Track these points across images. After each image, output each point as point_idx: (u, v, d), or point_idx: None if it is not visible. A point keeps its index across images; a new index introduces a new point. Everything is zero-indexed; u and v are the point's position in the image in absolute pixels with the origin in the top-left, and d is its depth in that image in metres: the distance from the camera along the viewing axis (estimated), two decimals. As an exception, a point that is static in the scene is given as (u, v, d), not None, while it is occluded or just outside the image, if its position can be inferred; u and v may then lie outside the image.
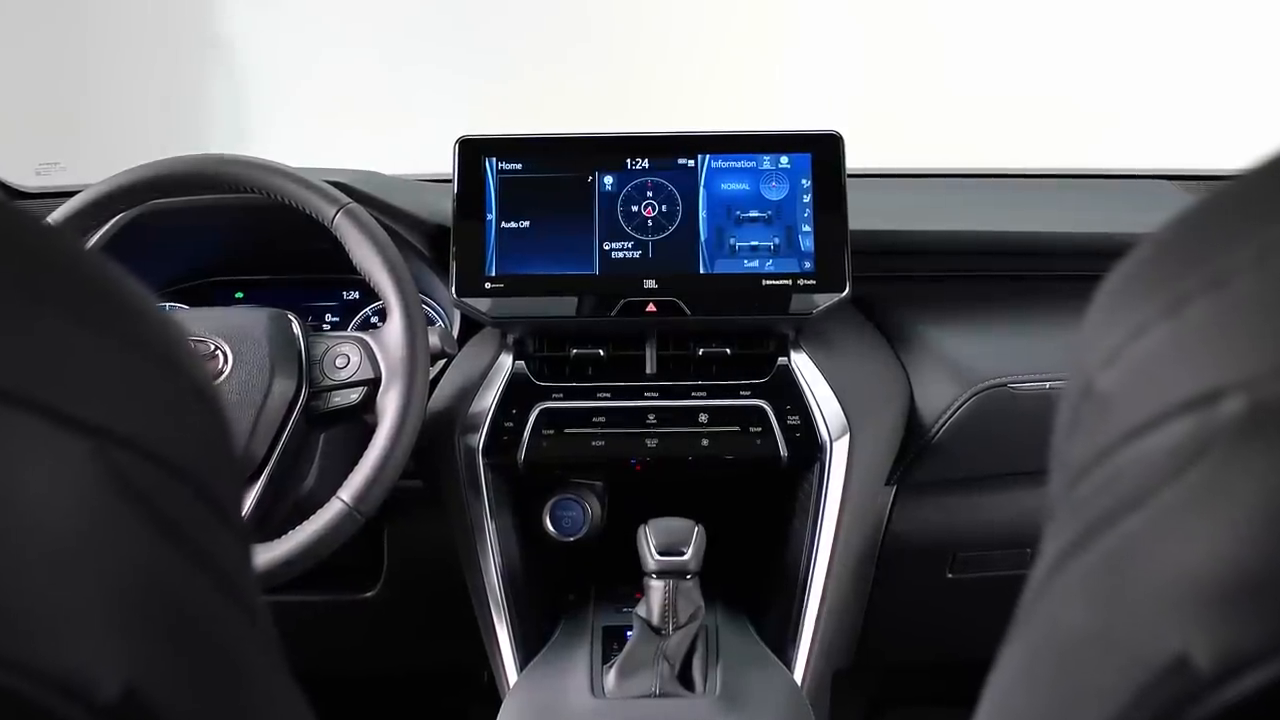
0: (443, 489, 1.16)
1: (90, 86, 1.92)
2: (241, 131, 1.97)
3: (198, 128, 2.01)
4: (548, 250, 1.13)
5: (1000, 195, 1.48)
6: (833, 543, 1.11)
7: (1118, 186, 1.47)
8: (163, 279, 1.34)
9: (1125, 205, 1.38)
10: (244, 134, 1.97)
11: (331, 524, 1.03)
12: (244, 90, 1.96)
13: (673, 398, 1.13)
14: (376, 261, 1.08)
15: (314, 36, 1.96)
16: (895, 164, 1.58)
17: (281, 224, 1.13)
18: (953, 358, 1.20)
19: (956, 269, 1.28)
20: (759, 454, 1.12)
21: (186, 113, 1.95)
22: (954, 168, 1.54)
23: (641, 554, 1.05)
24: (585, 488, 1.18)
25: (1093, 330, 0.31)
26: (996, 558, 1.25)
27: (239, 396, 1.05)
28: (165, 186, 1.13)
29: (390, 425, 1.04)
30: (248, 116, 1.96)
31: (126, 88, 1.93)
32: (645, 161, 1.15)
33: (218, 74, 1.95)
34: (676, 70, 1.85)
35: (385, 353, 1.08)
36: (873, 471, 1.16)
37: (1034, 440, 1.15)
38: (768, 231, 1.13)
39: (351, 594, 1.28)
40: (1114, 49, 1.74)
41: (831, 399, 1.13)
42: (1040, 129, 1.71)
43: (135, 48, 1.94)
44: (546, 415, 1.13)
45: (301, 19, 1.97)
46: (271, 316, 1.10)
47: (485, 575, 1.13)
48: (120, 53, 1.95)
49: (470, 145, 1.15)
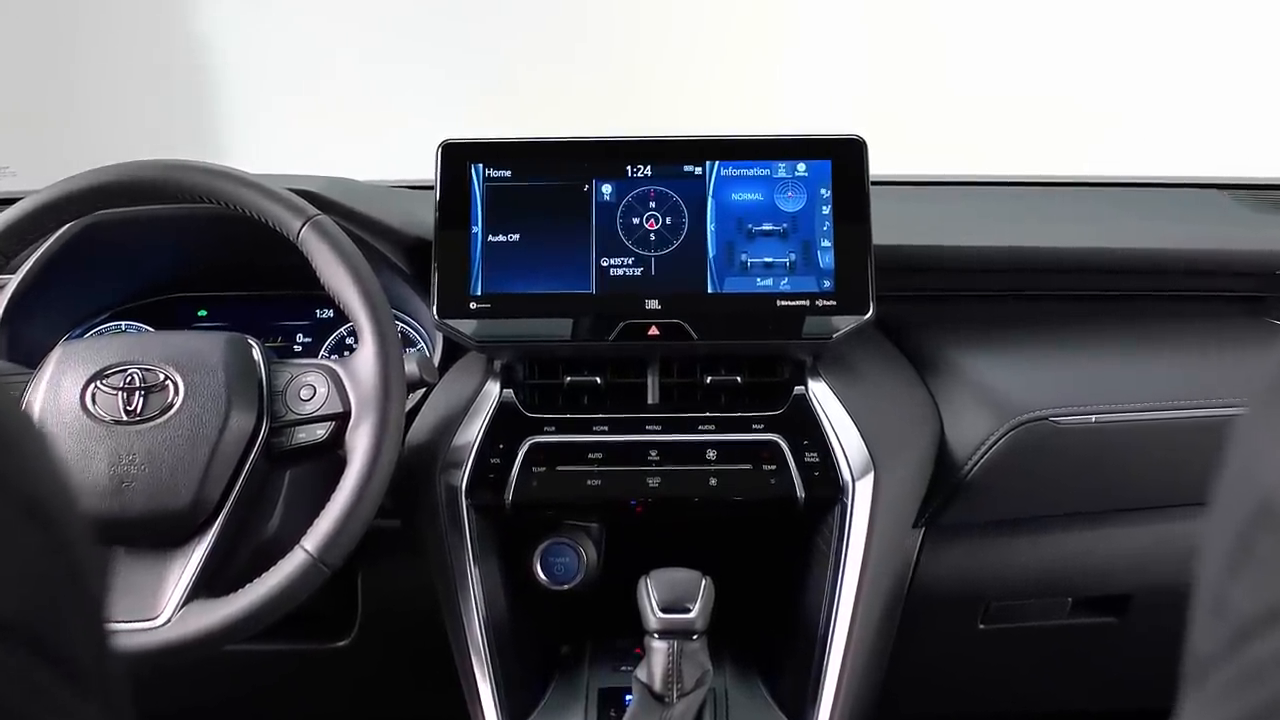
0: (422, 531, 1.09)
1: (51, 85, 1.84)
2: (217, 135, 1.89)
3: (168, 129, 1.92)
4: (539, 266, 1.07)
5: (1031, 205, 1.41)
6: (856, 593, 1.04)
7: (1165, 196, 1.40)
8: (118, 296, 1.25)
9: (1174, 216, 1.31)
10: (219, 137, 1.89)
11: (293, 577, 0.94)
12: (220, 91, 1.89)
13: (677, 431, 1.07)
14: (346, 280, 1.00)
15: (296, 31, 1.89)
16: (908, 170, 1.50)
17: (249, 235, 1.05)
18: (988, 387, 1.14)
19: (992, 288, 1.22)
20: (773, 494, 1.05)
21: (156, 113, 1.86)
22: (980, 175, 1.47)
23: (642, 610, 0.97)
24: (580, 531, 1.11)
25: (1264, 433, 0.25)
26: (1032, 608, 1.20)
27: (191, 432, 0.97)
28: (112, 195, 1.04)
29: (359, 467, 0.95)
30: (223, 119, 1.89)
31: (95, 87, 1.85)
32: (647, 168, 1.09)
33: (191, 71, 1.87)
34: (680, 69, 1.80)
35: (355, 383, 0.99)
36: (899, 513, 1.09)
37: (1078, 479, 1.05)
38: (783, 246, 1.07)
39: (323, 644, 1.21)
40: (1154, 44, 1.66)
41: (853, 433, 1.07)
42: (1069, 133, 1.64)
43: (103, 45, 1.86)
44: (537, 450, 1.06)
45: (284, 13, 1.90)
46: (229, 342, 1.01)
47: (467, 627, 1.06)
48: (87, 50, 1.88)
49: (455, 150, 1.09)
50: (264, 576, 0.94)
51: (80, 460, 0.95)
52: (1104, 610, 1.21)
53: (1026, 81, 1.73)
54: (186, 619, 0.93)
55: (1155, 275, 1.19)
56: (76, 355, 0.99)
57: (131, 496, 0.94)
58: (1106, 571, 1.16)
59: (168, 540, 0.96)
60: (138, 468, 0.95)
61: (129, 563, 0.96)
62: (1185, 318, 1.21)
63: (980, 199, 1.43)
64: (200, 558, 0.95)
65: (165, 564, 0.96)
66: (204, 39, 1.88)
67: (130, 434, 0.96)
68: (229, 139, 1.88)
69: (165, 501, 0.94)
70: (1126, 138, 1.65)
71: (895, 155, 1.50)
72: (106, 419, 0.96)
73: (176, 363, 0.99)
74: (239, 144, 1.91)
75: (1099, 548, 1.16)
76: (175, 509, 0.94)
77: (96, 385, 0.97)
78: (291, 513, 1.04)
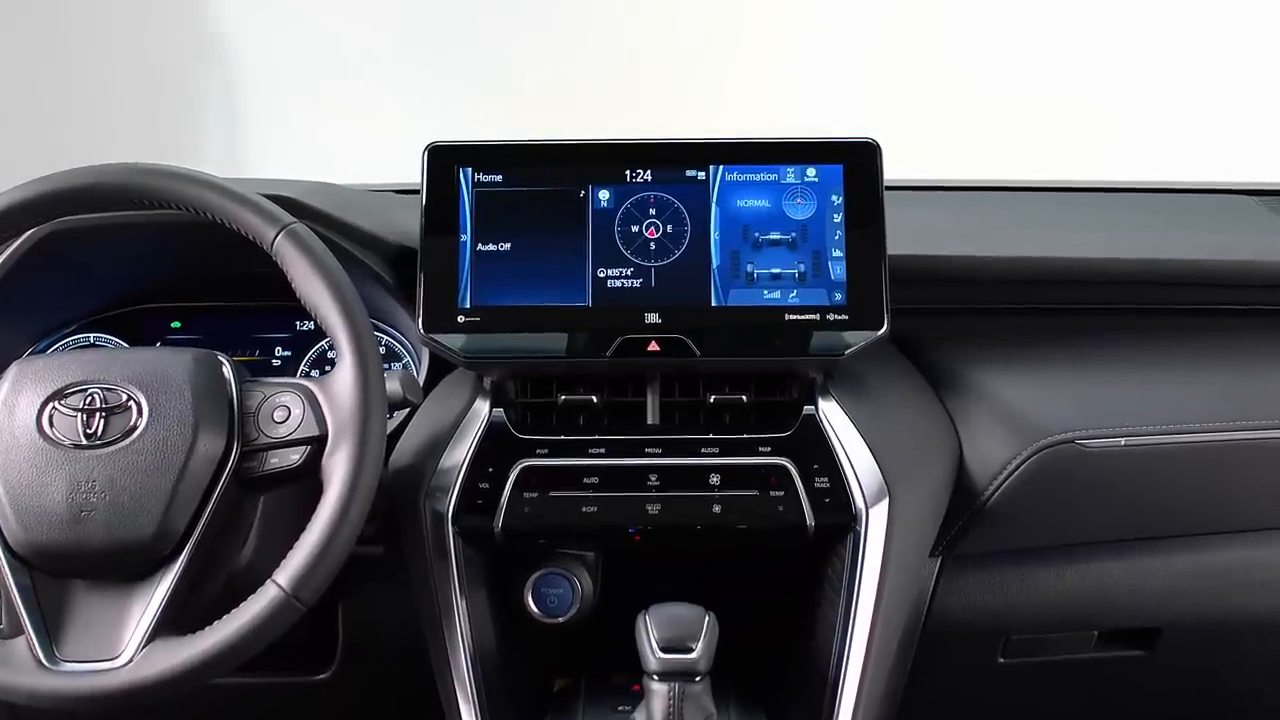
0: (405, 559, 1.06)
1: (24, 85, 1.81)
2: (196, 137, 1.88)
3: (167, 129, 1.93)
4: (532, 277, 1.05)
5: (1052, 211, 1.39)
6: (870, 628, 1.02)
7: (1193, 202, 1.38)
8: (86, 307, 1.22)
9: (1207, 224, 1.29)
10: (198, 140, 1.88)
11: (264, 615, 0.89)
12: (203, 91, 1.86)
13: (679, 454, 1.04)
14: (323, 293, 0.95)
15: (294, 30, 1.93)
16: (920, 175, 1.48)
17: (225, 242, 1.01)
18: (1010, 406, 1.10)
19: (1014, 301, 1.19)
20: (781, 522, 1.02)
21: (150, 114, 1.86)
22: (998, 180, 1.44)
23: (641, 649, 0.95)
24: (575, 560, 1.08)
25: None
26: (1056, 641, 1.18)
27: (155, 457, 0.92)
28: (73, 202, 0.99)
29: (336, 496, 0.91)
30: (204, 120, 1.87)
31: (72, 86, 1.85)
32: (647, 173, 1.06)
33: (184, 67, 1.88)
34: (684, 67, 1.81)
35: (333, 405, 0.94)
36: (915, 542, 1.06)
37: (1106, 506, 1.00)
38: (791, 257, 1.05)
39: (301, 677, 1.18)
40: (1183, 45, 1.65)
41: (867, 456, 1.04)
42: (1089, 135, 1.63)
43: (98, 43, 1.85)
44: (529, 474, 1.03)
45: (282, 12, 1.94)
46: (196, 359, 0.97)
47: (453, 662, 1.03)
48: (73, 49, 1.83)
49: (442, 152, 1.06)
50: (234, 613, 0.90)
51: (36, 488, 0.90)
52: (1132, 644, 1.18)
53: (1044, 83, 1.74)
54: (149, 659, 0.89)
55: (1189, 288, 1.17)
56: (33, 373, 0.95)
57: (91, 527, 0.90)
58: (1135, 603, 1.14)
59: (130, 574, 0.92)
60: (98, 495, 0.90)
61: (88, 598, 0.92)
62: (1220, 332, 1.17)
63: (999, 204, 1.40)
64: (165, 592, 0.91)
65: (127, 599, 0.91)
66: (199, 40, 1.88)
67: (90, 459, 0.91)
68: (205, 143, 1.88)
69: (127, 532, 0.90)
70: (1151, 140, 1.64)
71: (908, 158, 1.48)
72: (65, 443, 0.92)
73: (140, 382, 0.94)
74: (237, 145, 1.94)
75: (1127, 578, 1.13)
76: (138, 540, 0.90)
77: (54, 406, 0.93)
78: (267, 540, 1.01)
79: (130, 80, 1.86)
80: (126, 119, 1.88)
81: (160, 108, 1.88)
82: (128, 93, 1.86)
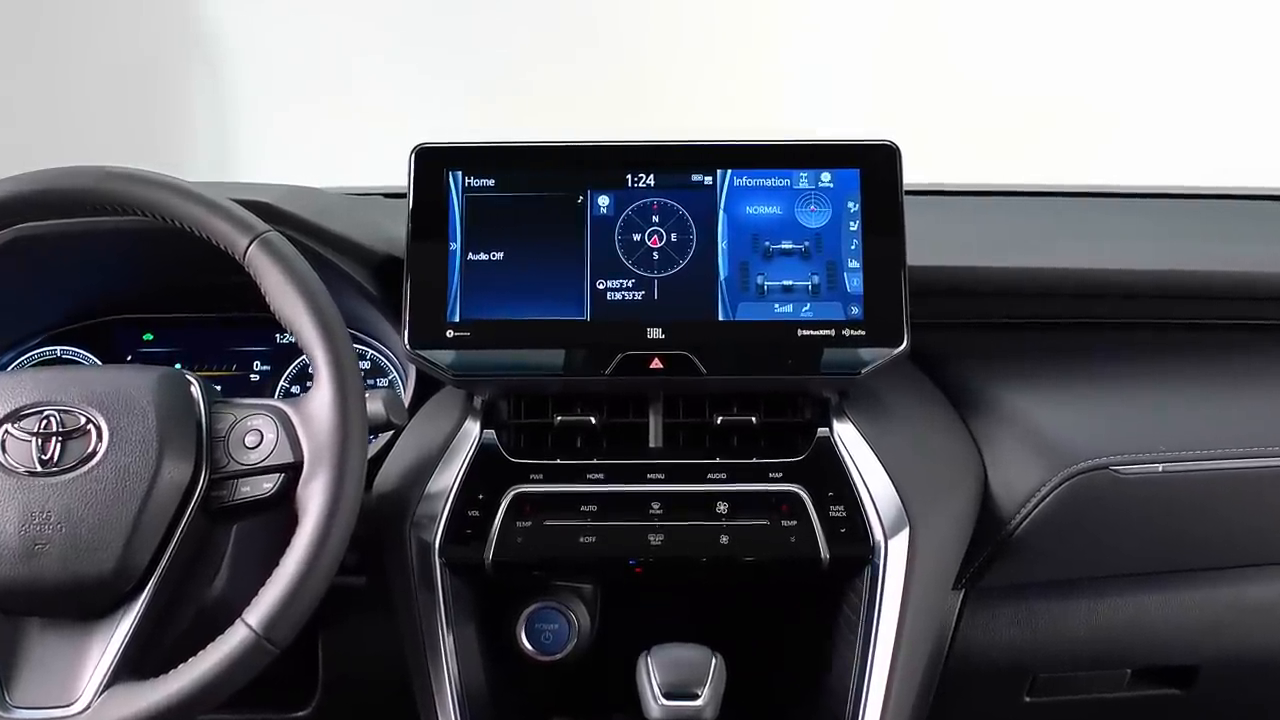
0: (390, 591, 1.03)
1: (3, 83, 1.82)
2: (187, 138, 1.89)
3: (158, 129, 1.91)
4: (526, 289, 1.02)
5: (1077, 218, 1.36)
6: (890, 667, 0.98)
7: (1228, 209, 1.35)
8: (52, 317, 1.18)
9: (1246, 233, 1.26)
10: (189, 141, 1.88)
11: (233, 658, 0.84)
12: (194, 91, 1.88)
13: (683, 480, 1.01)
14: (299, 306, 0.90)
15: (290, 28, 1.92)
16: (937, 179, 1.45)
17: (199, 251, 0.97)
18: (1039, 430, 1.08)
19: (1043, 315, 1.16)
20: (793, 554, 0.99)
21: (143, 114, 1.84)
22: (1022, 185, 1.42)
23: (642, 694, 0.93)
24: (571, 594, 1.06)
25: None
26: (1086, 679, 1.16)
27: (115, 485, 0.87)
28: (34, 207, 0.95)
29: (311, 530, 0.86)
30: (194, 121, 1.88)
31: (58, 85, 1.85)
32: (650, 178, 1.04)
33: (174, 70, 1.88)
34: (689, 65, 1.79)
35: (309, 429, 0.90)
36: (937, 575, 1.04)
37: (1141, 537, 0.95)
38: (805, 268, 1.02)
39: (278, 714, 1.16)
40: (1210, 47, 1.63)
41: (885, 483, 1.01)
42: (1114, 138, 1.59)
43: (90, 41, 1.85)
44: (522, 501, 1.00)
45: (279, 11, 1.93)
46: (162, 379, 0.92)
47: (439, 701, 1.00)
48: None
49: (430, 155, 1.03)
50: (200, 656, 0.85)
51: None
52: (1168, 682, 1.16)
53: (1059, 83, 1.72)
54: (107, 706, 0.84)
55: (1232, 301, 1.14)
56: None
57: (46, 561, 0.85)
58: (1171, 639, 1.12)
59: (88, 612, 0.87)
60: (53, 527, 0.86)
61: (43, 638, 0.87)
62: (1264, 350, 1.14)
63: (1019, 210, 1.38)
64: (126, 632, 0.87)
65: (85, 640, 0.87)
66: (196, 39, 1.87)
67: (45, 487, 0.86)
68: (188, 148, 1.88)
69: (85, 567, 0.85)
70: (1177, 143, 1.60)
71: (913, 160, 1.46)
72: (19, 469, 0.87)
73: (100, 403, 0.89)
74: (229, 147, 1.92)
75: (1164, 612, 1.10)
76: (96, 575, 0.85)
77: (7, 429, 0.89)
78: (240, 571, 0.97)
79: (119, 79, 1.86)
80: (115, 120, 1.88)
81: (150, 108, 1.89)
82: (115, 92, 1.86)
